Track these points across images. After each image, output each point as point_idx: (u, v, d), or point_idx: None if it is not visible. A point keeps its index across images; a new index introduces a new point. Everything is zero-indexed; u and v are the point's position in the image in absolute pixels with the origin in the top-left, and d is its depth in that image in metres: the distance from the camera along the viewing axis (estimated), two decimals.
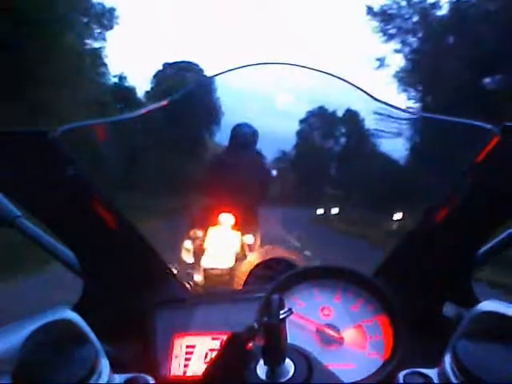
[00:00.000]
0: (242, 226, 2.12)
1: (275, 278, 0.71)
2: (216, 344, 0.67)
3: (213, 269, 1.87)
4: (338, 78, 0.69)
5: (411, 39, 15.94)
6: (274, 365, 0.43)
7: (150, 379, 0.47)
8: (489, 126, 0.56)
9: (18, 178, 0.62)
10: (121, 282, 0.74)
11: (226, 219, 2.09)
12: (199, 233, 2.10)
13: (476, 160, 0.58)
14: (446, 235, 0.66)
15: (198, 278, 2.02)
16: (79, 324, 0.47)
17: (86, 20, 15.70)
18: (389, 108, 0.67)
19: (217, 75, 0.77)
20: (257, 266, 1.02)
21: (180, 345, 0.68)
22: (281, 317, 0.42)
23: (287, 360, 0.44)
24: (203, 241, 2.04)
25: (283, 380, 0.42)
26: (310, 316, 0.67)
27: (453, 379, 0.43)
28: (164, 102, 0.72)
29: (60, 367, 0.41)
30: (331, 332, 0.64)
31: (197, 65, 21.64)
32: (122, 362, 0.54)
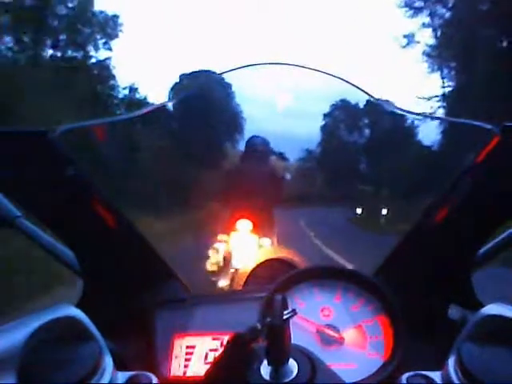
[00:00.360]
0: (259, 230, 2.49)
1: (275, 278, 0.71)
2: (216, 344, 0.67)
3: (239, 269, 2.15)
4: (339, 78, 0.69)
5: (441, 10, 14.30)
6: (278, 365, 0.43)
7: (153, 378, 0.47)
8: (489, 126, 0.56)
9: (18, 178, 0.62)
10: (121, 282, 0.74)
11: (244, 225, 2.47)
12: (224, 237, 2.50)
13: (476, 160, 0.58)
14: (446, 235, 0.66)
15: (223, 282, 2.37)
16: (83, 321, 0.47)
17: (89, 31, 15.26)
18: (389, 107, 0.67)
19: (223, 73, 0.77)
20: (257, 266, 1.02)
21: (180, 345, 0.68)
22: (284, 317, 0.42)
23: (291, 360, 0.44)
24: (228, 244, 2.46)
25: (287, 380, 0.43)
26: (310, 316, 0.67)
27: (456, 382, 0.42)
28: (164, 103, 0.72)
29: (63, 365, 0.41)
30: (331, 332, 0.64)
31: (215, 73, 21.22)
32: (125, 359, 0.54)
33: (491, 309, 0.47)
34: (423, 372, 0.46)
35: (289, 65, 0.73)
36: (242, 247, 2.43)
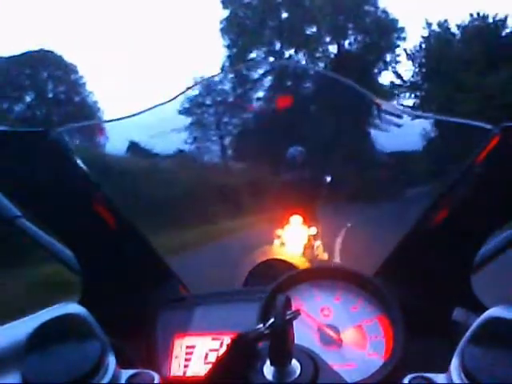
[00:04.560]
0: (307, 222, 3.39)
1: (275, 278, 0.71)
2: (216, 344, 0.67)
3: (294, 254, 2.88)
4: (338, 77, 0.69)
5: None
6: (281, 365, 0.43)
7: (156, 376, 0.47)
8: (489, 126, 0.56)
9: (18, 178, 0.62)
10: (121, 282, 0.74)
11: (296, 219, 3.36)
12: (280, 232, 3.39)
13: (476, 160, 0.58)
14: (446, 235, 0.66)
15: None
16: (87, 318, 0.47)
17: None
18: (390, 107, 0.67)
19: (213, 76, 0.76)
20: (257, 266, 1.02)
21: (180, 345, 0.68)
22: (287, 317, 0.42)
23: (293, 360, 0.44)
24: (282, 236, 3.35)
25: (289, 380, 0.42)
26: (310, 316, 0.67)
27: None
28: (167, 101, 0.71)
29: (66, 363, 0.41)
30: (331, 332, 0.64)
31: (60, 56, 20.14)
32: (127, 356, 0.54)
33: (495, 311, 0.47)
34: (426, 374, 0.46)
35: (284, 64, 0.73)
36: (296, 236, 3.31)
